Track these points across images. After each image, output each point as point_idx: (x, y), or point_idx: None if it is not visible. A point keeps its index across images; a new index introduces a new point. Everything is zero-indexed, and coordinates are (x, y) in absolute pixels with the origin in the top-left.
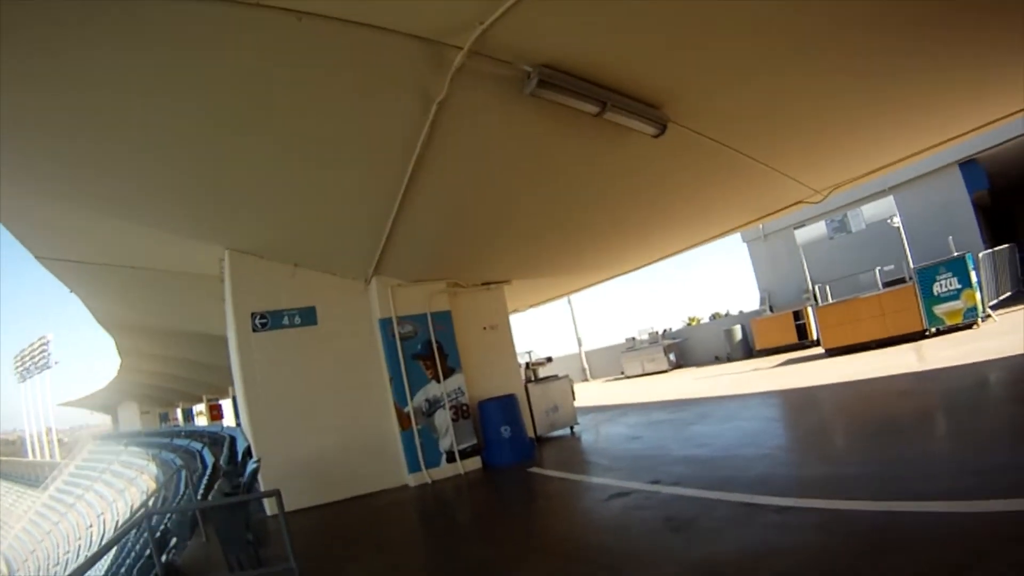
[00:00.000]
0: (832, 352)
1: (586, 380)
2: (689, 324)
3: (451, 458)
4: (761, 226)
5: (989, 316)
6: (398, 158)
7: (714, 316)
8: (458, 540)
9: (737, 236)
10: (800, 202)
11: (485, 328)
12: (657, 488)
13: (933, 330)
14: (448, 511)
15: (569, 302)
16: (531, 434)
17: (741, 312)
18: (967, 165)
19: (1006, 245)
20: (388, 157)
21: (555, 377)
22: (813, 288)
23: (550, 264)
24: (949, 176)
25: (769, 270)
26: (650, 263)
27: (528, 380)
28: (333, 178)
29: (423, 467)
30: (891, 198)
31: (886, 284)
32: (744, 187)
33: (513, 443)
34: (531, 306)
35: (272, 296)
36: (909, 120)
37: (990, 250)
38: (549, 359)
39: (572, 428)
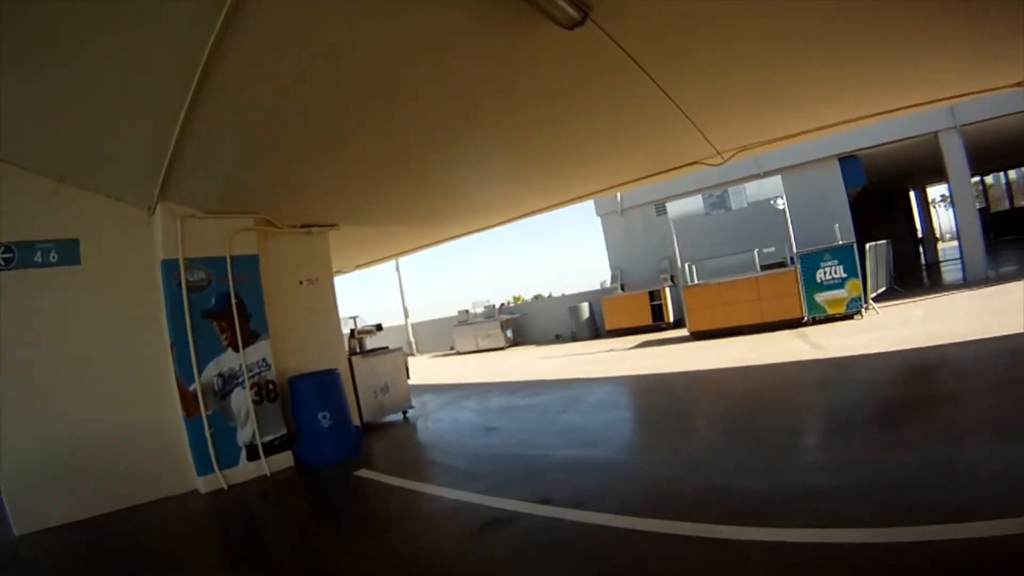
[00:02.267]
0: (698, 335)
1: (413, 355)
2: (515, 302)
3: (253, 454)
4: (619, 197)
5: (871, 308)
6: (197, 18)
7: (536, 297)
8: None
9: (591, 209)
10: (698, 162)
11: (302, 283)
12: (552, 511)
13: (811, 318)
14: (253, 541)
15: (397, 267)
16: (356, 421)
17: (562, 294)
18: (847, 160)
19: (883, 241)
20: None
21: (386, 349)
22: (683, 267)
23: (395, 209)
24: (828, 168)
25: (624, 246)
26: (511, 220)
27: (353, 352)
28: (110, 38)
29: (216, 467)
30: (779, 178)
31: (764, 267)
32: (651, 132)
33: (334, 434)
34: (357, 266)
35: (22, 222)
36: (848, 87)
37: (873, 243)
38: (379, 327)
39: (406, 413)
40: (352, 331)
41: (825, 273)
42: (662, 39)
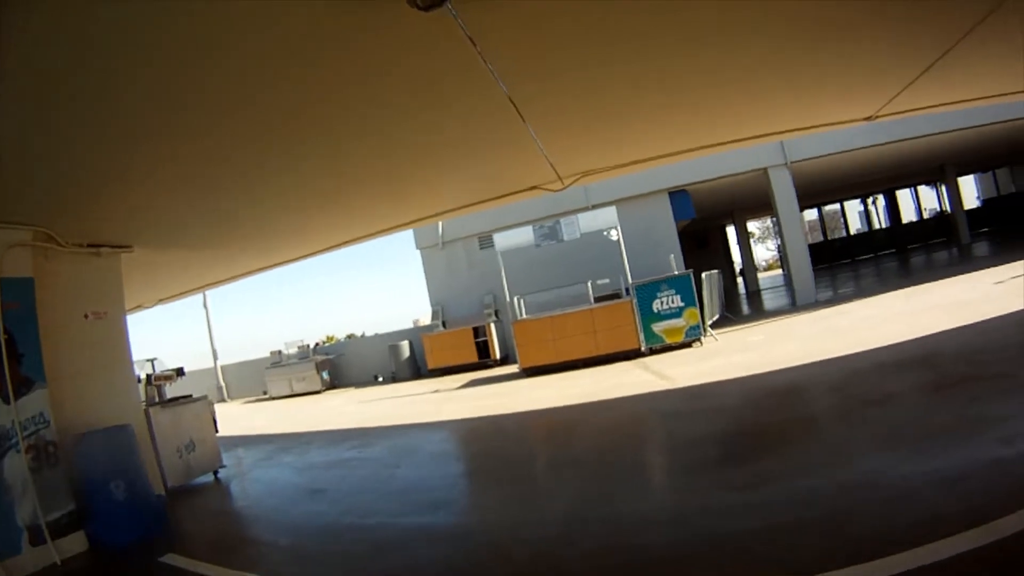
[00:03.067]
0: (531, 372)
1: (223, 400)
2: (328, 342)
3: (37, 537)
4: (440, 229)
5: (710, 335)
6: None
7: (349, 336)
8: None
9: (410, 240)
10: (538, 187)
11: (88, 316)
12: None
13: (649, 349)
14: None
15: (205, 302)
16: (159, 488)
17: (375, 333)
18: (677, 194)
19: (715, 271)
20: None
21: (189, 398)
22: (511, 301)
23: (203, 231)
24: (659, 201)
25: (445, 281)
26: (329, 249)
27: (150, 402)
28: None
29: None
30: (613, 209)
31: (598, 299)
32: (493, 151)
33: (132, 507)
34: (161, 300)
35: None
36: (698, 118)
37: (708, 272)
38: (180, 371)
39: (217, 474)
40: (148, 376)
41: (662, 303)
42: (519, 37)
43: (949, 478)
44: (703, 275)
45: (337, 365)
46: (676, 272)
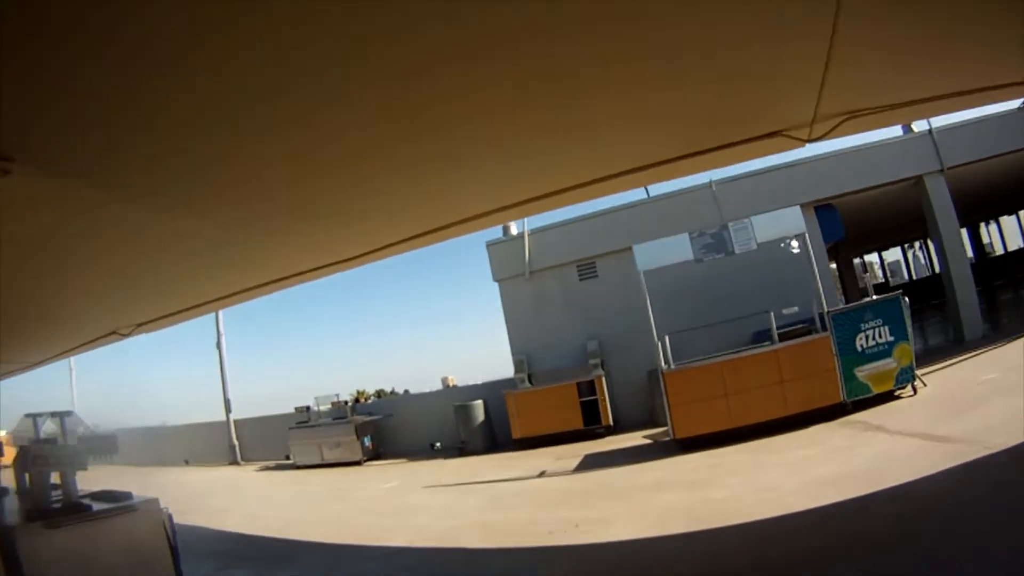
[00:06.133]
0: (687, 443)
1: (236, 463)
2: (359, 399)
3: None
4: (527, 255)
5: (918, 379)
6: None
7: (378, 393)
8: None
9: (487, 272)
10: (780, 133)
11: None
12: None
13: (850, 403)
14: None
15: (219, 340)
16: None
17: (406, 390)
18: (824, 210)
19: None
20: None
21: (124, 502)
22: (659, 341)
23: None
24: (805, 218)
25: (531, 323)
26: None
27: (28, 514)
28: None
29: None
30: (797, 209)
31: (782, 335)
32: (729, 69)
33: None
34: (140, 326)
35: None
36: None
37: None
38: (111, 440)
39: None
40: (26, 452)
41: (867, 338)
42: None
43: None
44: (904, 299)
45: (382, 428)
46: (873, 297)
